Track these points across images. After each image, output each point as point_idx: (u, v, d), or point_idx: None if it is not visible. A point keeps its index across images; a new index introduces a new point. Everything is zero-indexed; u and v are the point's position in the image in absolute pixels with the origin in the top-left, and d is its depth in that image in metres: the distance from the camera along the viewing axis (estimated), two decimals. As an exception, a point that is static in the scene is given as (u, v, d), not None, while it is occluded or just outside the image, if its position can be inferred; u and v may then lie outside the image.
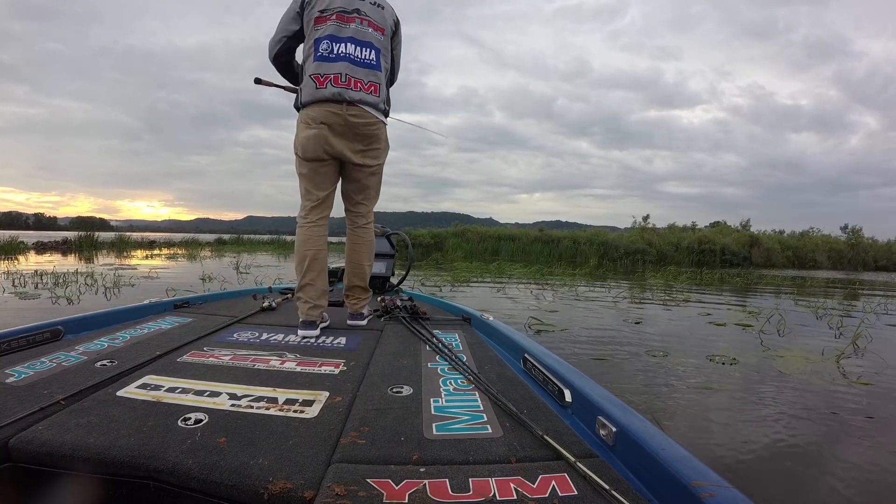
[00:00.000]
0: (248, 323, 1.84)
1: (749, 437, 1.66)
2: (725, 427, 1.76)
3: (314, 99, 1.73)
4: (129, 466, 0.76)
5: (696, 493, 0.62)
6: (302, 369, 1.25)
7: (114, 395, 1.01)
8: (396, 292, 2.77)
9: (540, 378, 1.22)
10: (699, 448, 1.55)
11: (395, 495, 0.67)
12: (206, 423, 0.88)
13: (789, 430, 1.73)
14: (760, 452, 1.54)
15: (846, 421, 1.85)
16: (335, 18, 1.75)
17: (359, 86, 1.75)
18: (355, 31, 1.76)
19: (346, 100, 1.72)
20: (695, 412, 1.89)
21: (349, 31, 1.75)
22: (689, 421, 1.80)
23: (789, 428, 1.76)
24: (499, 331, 1.67)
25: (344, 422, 0.92)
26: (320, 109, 1.73)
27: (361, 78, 1.75)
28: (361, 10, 1.78)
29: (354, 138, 1.78)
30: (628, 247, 18.13)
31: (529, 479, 0.72)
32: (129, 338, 1.51)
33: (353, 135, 1.78)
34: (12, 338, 1.33)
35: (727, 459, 1.48)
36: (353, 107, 1.73)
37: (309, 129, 1.74)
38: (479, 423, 0.94)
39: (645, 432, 0.80)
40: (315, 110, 1.73)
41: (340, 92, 1.71)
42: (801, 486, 1.36)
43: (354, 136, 1.78)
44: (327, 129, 1.74)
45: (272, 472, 0.72)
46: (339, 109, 1.72)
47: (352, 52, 1.75)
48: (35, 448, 0.78)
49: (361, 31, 1.78)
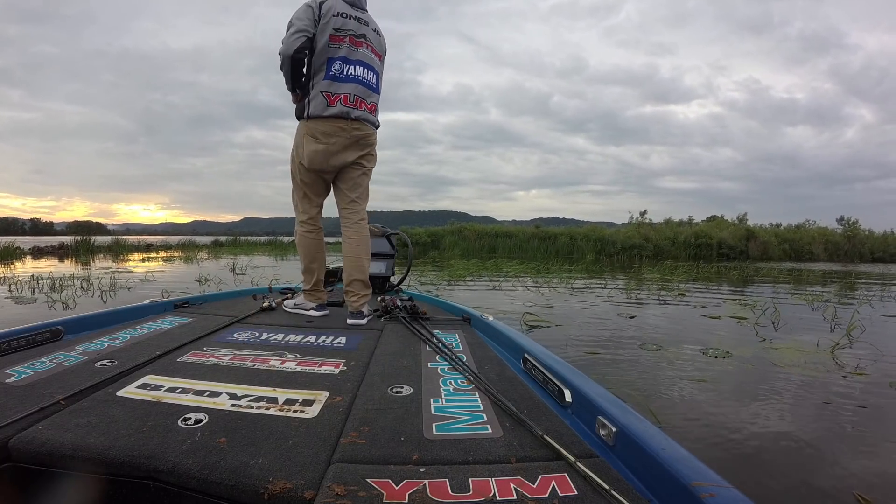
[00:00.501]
0: (248, 323, 1.84)
1: (741, 429, 1.67)
2: (718, 419, 1.77)
3: (324, 115, 1.90)
4: (129, 466, 0.76)
5: (696, 493, 0.63)
6: (302, 369, 1.25)
7: (114, 395, 1.01)
8: (396, 292, 2.77)
9: (540, 378, 1.23)
10: (691, 441, 1.56)
11: (395, 495, 0.67)
12: (206, 423, 0.88)
13: (782, 422, 1.74)
14: (752, 444, 1.55)
15: (840, 411, 1.87)
16: (348, 41, 1.93)
17: (363, 106, 1.97)
18: (363, 55, 1.97)
19: (352, 118, 1.94)
20: (687, 405, 1.90)
21: (358, 55, 1.95)
22: (681, 414, 1.81)
23: (782, 419, 1.77)
24: (499, 331, 1.68)
25: (344, 422, 0.92)
26: (329, 125, 1.92)
27: (365, 99, 1.98)
28: (367, 36, 1.98)
29: (355, 147, 2.01)
30: (625, 242, 18.12)
31: (529, 479, 0.72)
32: (130, 338, 1.51)
33: (355, 143, 2.00)
34: (12, 338, 1.34)
35: (718, 452, 1.49)
36: (356, 122, 1.96)
37: (318, 143, 1.94)
38: (479, 423, 0.94)
39: (645, 432, 0.80)
40: (324, 125, 1.92)
41: (349, 111, 1.92)
42: (793, 476, 1.37)
43: (355, 144, 2.00)
44: (333, 144, 1.95)
45: (272, 472, 0.72)
46: (345, 125, 1.94)
47: (361, 74, 1.95)
48: (35, 448, 0.79)
49: (368, 56, 1.99)
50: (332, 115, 1.91)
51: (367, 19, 2.00)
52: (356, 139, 1.98)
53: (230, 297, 2.49)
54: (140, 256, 12.79)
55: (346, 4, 1.95)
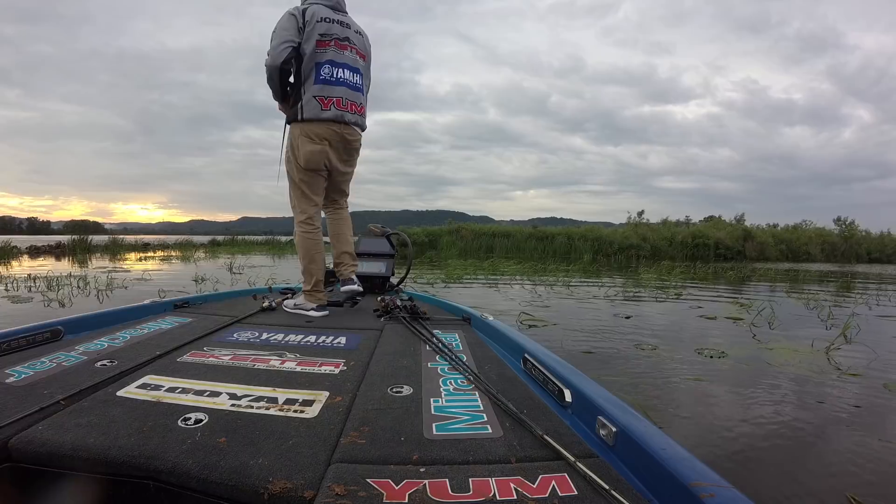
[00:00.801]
0: (248, 323, 1.84)
1: (733, 428, 1.68)
2: (710, 419, 1.78)
3: (319, 118, 1.99)
4: (129, 466, 0.76)
5: (696, 493, 0.63)
6: (302, 369, 1.25)
7: (114, 395, 1.01)
8: (396, 292, 2.77)
9: (540, 378, 1.23)
10: (682, 439, 1.57)
11: (395, 495, 0.67)
12: (206, 423, 0.88)
13: (775, 422, 1.75)
14: (744, 443, 1.56)
15: (834, 410, 1.88)
16: (334, 45, 1.99)
17: (353, 108, 2.06)
18: (349, 58, 2.05)
19: (344, 121, 2.03)
20: (681, 404, 1.91)
21: (344, 59, 2.02)
22: (673, 412, 1.82)
23: (775, 419, 1.78)
24: (499, 331, 1.68)
25: (344, 422, 0.92)
26: (325, 128, 2.01)
27: (355, 101, 2.07)
28: (350, 39, 2.06)
29: (344, 151, 2.13)
30: (622, 242, 18.19)
31: (529, 479, 0.72)
32: (129, 338, 1.51)
33: (344, 149, 2.12)
34: (12, 338, 1.33)
35: (710, 450, 1.50)
36: (348, 126, 2.06)
37: (314, 144, 2.02)
38: (479, 423, 0.94)
39: (645, 432, 0.80)
40: (320, 128, 2.01)
41: (342, 115, 2.02)
42: (784, 477, 1.38)
43: (345, 150, 2.13)
44: (328, 146, 2.05)
45: (272, 472, 0.72)
46: (338, 129, 2.04)
47: (348, 77, 2.03)
48: (35, 448, 0.79)
49: (353, 58, 2.07)
50: (327, 118, 1.99)
51: (348, 22, 2.07)
52: (347, 143, 2.10)
53: (230, 298, 2.49)
54: (137, 256, 12.73)
55: (328, 9, 2.01)
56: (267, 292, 2.65)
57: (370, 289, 2.86)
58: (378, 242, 3.07)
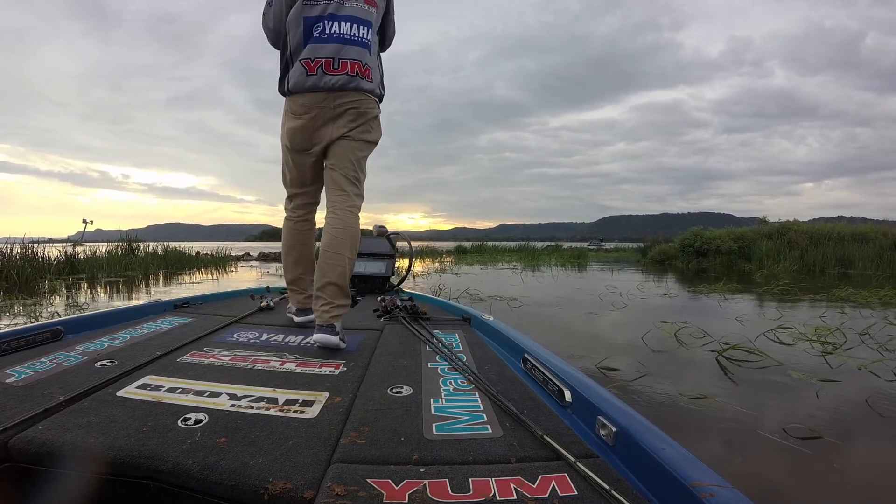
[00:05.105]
0: (247, 323, 1.85)
1: None
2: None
3: (306, 86, 1.60)
4: (128, 466, 0.76)
5: (696, 493, 0.63)
6: (302, 370, 1.25)
7: (114, 395, 1.01)
8: (396, 292, 2.78)
9: (540, 378, 1.23)
10: None
11: (395, 495, 0.67)
12: (206, 424, 0.88)
13: None
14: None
15: None
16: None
17: (351, 68, 1.59)
18: (353, 8, 1.61)
19: (334, 86, 1.59)
20: None
21: (346, 10, 1.60)
22: None
23: None
24: (499, 331, 1.68)
25: (344, 422, 0.92)
26: (308, 97, 1.61)
27: (360, 60, 1.61)
28: None
29: (343, 118, 1.64)
30: None
31: (529, 479, 0.72)
32: (129, 338, 1.51)
33: (341, 115, 1.64)
34: (12, 338, 1.34)
35: None
36: (340, 92, 1.61)
37: (296, 119, 1.64)
38: (479, 423, 0.94)
39: (645, 432, 0.80)
40: (303, 97, 1.62)
41: (330, 78, 1.58)
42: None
43: (342, 116, 1.64)
44: (314, 119, 1.63)
45: (272, 473, 0.72)
46: (326, 95, 1.60)
47: (346, 31, 1.59)
48: (35, 448, 0.79)
49: (360, 8, 1.63)
50: (311, 85, 1.59)
51: None
52: (343, 109, 1.62)
53: (229, 298, 2.51)
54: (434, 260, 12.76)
55: None
56: (265, 292, 2.67)
57: (370, 289, 2.87)
58: (378, 242, 3.08)
